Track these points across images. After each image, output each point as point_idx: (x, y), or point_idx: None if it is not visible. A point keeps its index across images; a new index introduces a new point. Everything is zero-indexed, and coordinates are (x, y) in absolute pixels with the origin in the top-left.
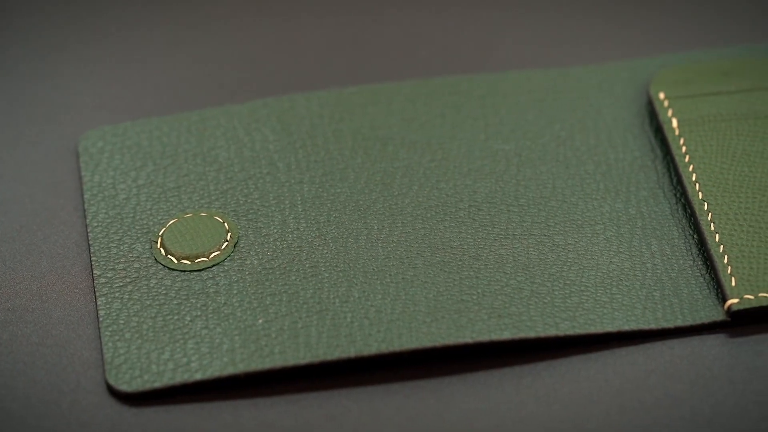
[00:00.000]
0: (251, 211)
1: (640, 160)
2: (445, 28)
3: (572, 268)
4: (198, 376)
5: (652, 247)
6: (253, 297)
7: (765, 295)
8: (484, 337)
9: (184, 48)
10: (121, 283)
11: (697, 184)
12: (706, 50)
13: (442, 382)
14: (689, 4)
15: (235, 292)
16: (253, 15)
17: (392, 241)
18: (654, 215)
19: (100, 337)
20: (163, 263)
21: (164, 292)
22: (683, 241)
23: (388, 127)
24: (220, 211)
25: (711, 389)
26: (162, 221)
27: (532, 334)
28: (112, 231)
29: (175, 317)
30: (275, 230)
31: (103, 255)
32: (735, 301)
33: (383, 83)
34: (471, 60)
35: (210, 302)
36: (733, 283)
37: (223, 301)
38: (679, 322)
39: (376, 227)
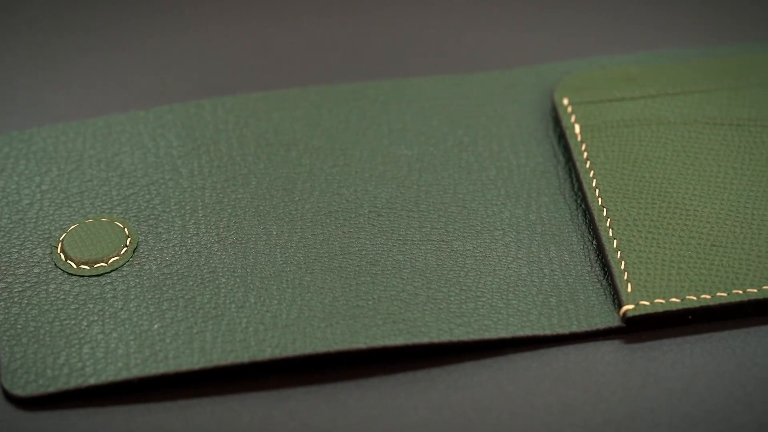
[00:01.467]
0: (152, 217)
1: (543, 166)
2: (352, 33)
3: (469, 273)
4: (92, 381)
5: (551, 252)
6: (150, 302)
7: (661, 301)
8: (378, 343)
9: (93, 54)
10: (20, 288)
11: (597, 190)
12: (612, 56)
13: (336, 387)
14: (596, 10)
15: (132, 297)
16: (163, 19)
17: (291, 246)
18: (554, 221)
19: None
20: (62, 268)
21: (62, 297)
22: (582, 247)
23: (292, 133)
24: (121, 216)
25: (603, 395)
26: (63, 226)
27: (425, 340)
28: (14, 236)
29: (72, 322)
30: (175, 235)
31: (4, 260)
32: (630, 307)
33: (291, 88)
34: (377, 65)
35: (107, 307)
36: (629, 290)
37: (120, 306)
38: (574, 328)
39: (275, 232)
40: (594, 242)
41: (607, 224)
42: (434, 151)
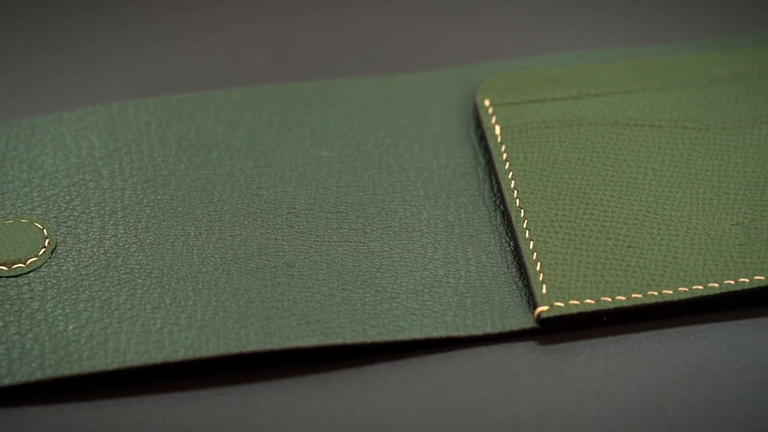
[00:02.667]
0: (72, 218)
1: (463, 167)
2: (279, 35)
3: (385, 275)
4: (6, 382)
5: (468, 254)
6: (66, 303)
7: (575, 302)
8: (291, 344)
9: (24, 54)
10: None
11: (516, 191)
12: (537, 57)
13: (249, 388)
14: (521, 11)
15: (49, 297)
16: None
17: (208, 247)
18: (472, 222)
19: None
20: None
21: None
22: (499, 248)
23: (214, 134)
24: (41, 217)
25: (515, 396)
26: None
27: (339, 341)
28: None
29: None
30: (94, 236)
31: None
32: (545, 308)
33: (214, 90)
34: (302, 67)
35: (24, 308)
36: (544, 291)
37: (36, 307)
38: (489, 330)
39: (192, 234)
40: (511, 243)
41: (524, 225)
42: (355, 152)
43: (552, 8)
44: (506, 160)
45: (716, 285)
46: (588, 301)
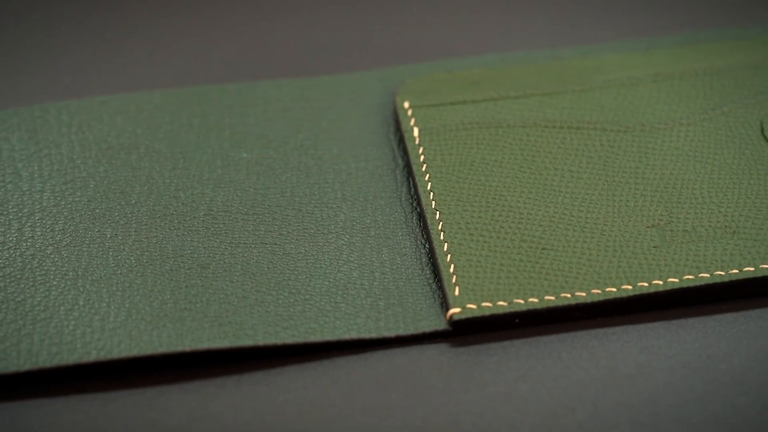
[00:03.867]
0: None
1: (381, 169)
2: (201, 37)
3: (300, 276)
4: None
5: (383, 255)
6: None
7: (488, 304)
8: (203, 346)
9: None
10: None
11: (432, 193)
12: (460, 59)
13: (160, 390)
14: (443, 13)
15: None
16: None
17: (124, 249)
18: (388, 224)
19: None
20: None
21: None
22: (414, 250)
23: (134, 136)
24: None
25: (425, 398)
26: None
27: (250, 343)
28: None
29: None
30: (11, 238)
31: None
32: (457, 310)
33: (136, 92)
34: (225, 70)
35: None
36: (457, 293)
37: None
38: (401, 331)
39: (109, 235)
40: (426, 246)
41: (439, 227)
42: (274, 154)
43: (476, 10)
44: (423, 162)
45: (629, 287)
46: (500, 303)
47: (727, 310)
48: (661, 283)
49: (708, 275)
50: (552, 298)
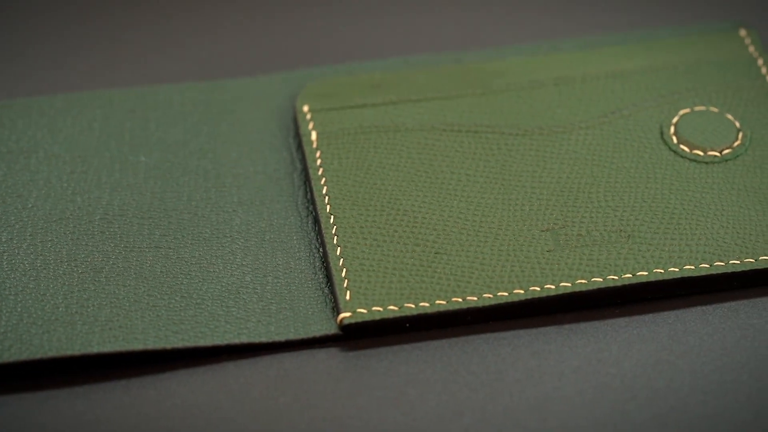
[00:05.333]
0: None
1: (279, 173)
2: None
3: (193, 281)
4: None
5: (277, 260)
6: None
7: (378, 309)
8: (93, 350)
9: None
10: None
11: (327, 197)
12: (363, 62)
13: (49, 393)
14: (348, 15)
15: None
16: None
17: (18, 253)
18: (284, 228)
19: None
20: None
21: None
22: (308, 255)
23: (34, 141)
24: None
25: (313, 403)
26: None
27: (140, 347)
28: None
29: None
30: None
31: None
32: (347, 314)
33: (38, 96)
34: (127, 72)
35: None
36: (348, 297)
37: None
38: (291, 336)
39: (4, 239)
40: (321, 250)
41: (333, 231)
42: (173, 158)
43: (380, 14)
44: (320, 166)
45: (521, 291)
46: (391, 307)
47: (620, 314)
48: (553, 287)
49: (601, 279)
50: (443, 302)
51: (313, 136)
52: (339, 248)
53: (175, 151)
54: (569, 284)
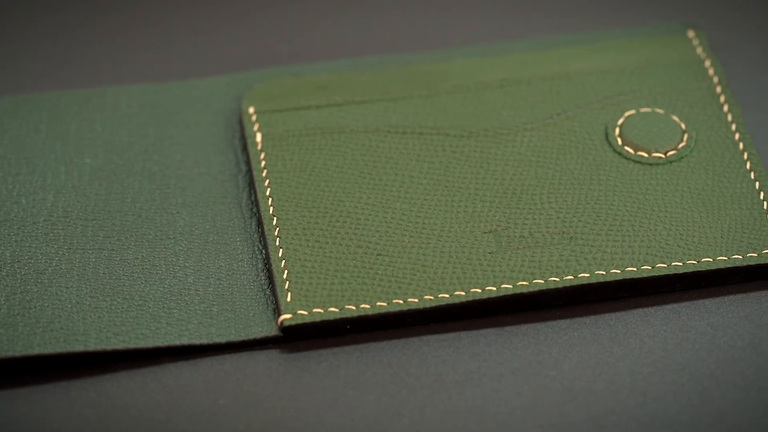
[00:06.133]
0: None
1: (223, 175)
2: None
3: (135, 282)
4: None
5: (220, 261)
6: None
7: (319, 311)
8: (33, 351)
9: None
10: None
11: (270, 199)
12: (311, 64)
13: None
14: (294, 18)
15: None
16: None
17: None
18: (228, 230)
19: None
20: None
21: None
22: (251, 256)
23: None
24: None
25: (253, 405)
26: None
27: (81, 348)
28: None
29: None
30: None
31: None
32: (288, 316)
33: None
34: (73, 74)
35: None
36: (289, 299)
37: None
38: (232, 337)
39: None
40: (264, 252)
41: (276, 233)
42: (118, 160)
43: (327, 15)
44: (264, 168)
45: (462, 293)
46: (332, 309)
47: (561, 316)
48: (494, 289)
49: (542, 281)
50: (384, 304)
51: (258, 137)
52: (281, 250)
53: (120, 153)
54: (510, 286)
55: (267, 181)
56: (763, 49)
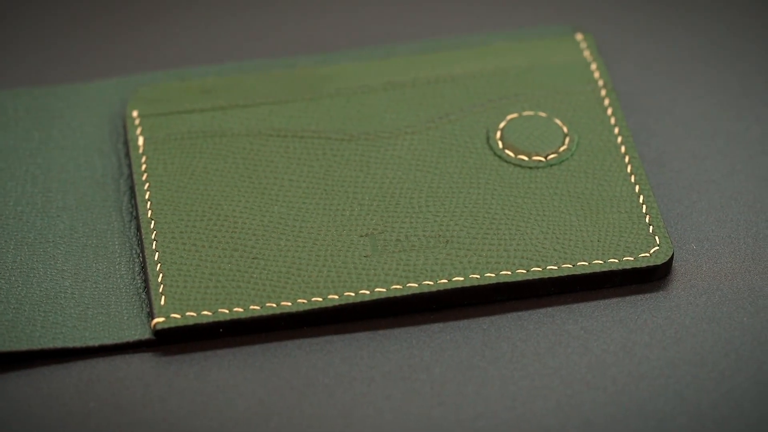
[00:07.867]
0: None
1: (105, 179)
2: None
3: (13, 286)
4: None
5: (98, 265)
6: None
7: (192, 314)
8: None
9: None
10: None
11: (149, 203)
12: (196, 67)
13: None
14: (179, 21)
15: None
16: None
17: None
18: (106, 233)
19: None
20: None
21: None
22: (128, 260)
23: None
24: None
25: (124, 408)
26: None
27: None
28: None
29: None
30: None
31: None
32: (161, 320)
33: None
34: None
35: None
36: (163, 302)
37: None
38: (105, 341)
39: None
40: (141, 255)
41: (153, 237)
42: (2, 164)
43: (213, 18)
44: (144, 171)
45: (336, 297)
46: (205, 312)
47: (435, 320)
48: (368, 292)
49: (416, 285)
50: (257, 308)
51: (140, 141)
52: (157, 253)
53: (5, 156)
54: (384, 289)
55: (147, 184)
56: (652, 53)
